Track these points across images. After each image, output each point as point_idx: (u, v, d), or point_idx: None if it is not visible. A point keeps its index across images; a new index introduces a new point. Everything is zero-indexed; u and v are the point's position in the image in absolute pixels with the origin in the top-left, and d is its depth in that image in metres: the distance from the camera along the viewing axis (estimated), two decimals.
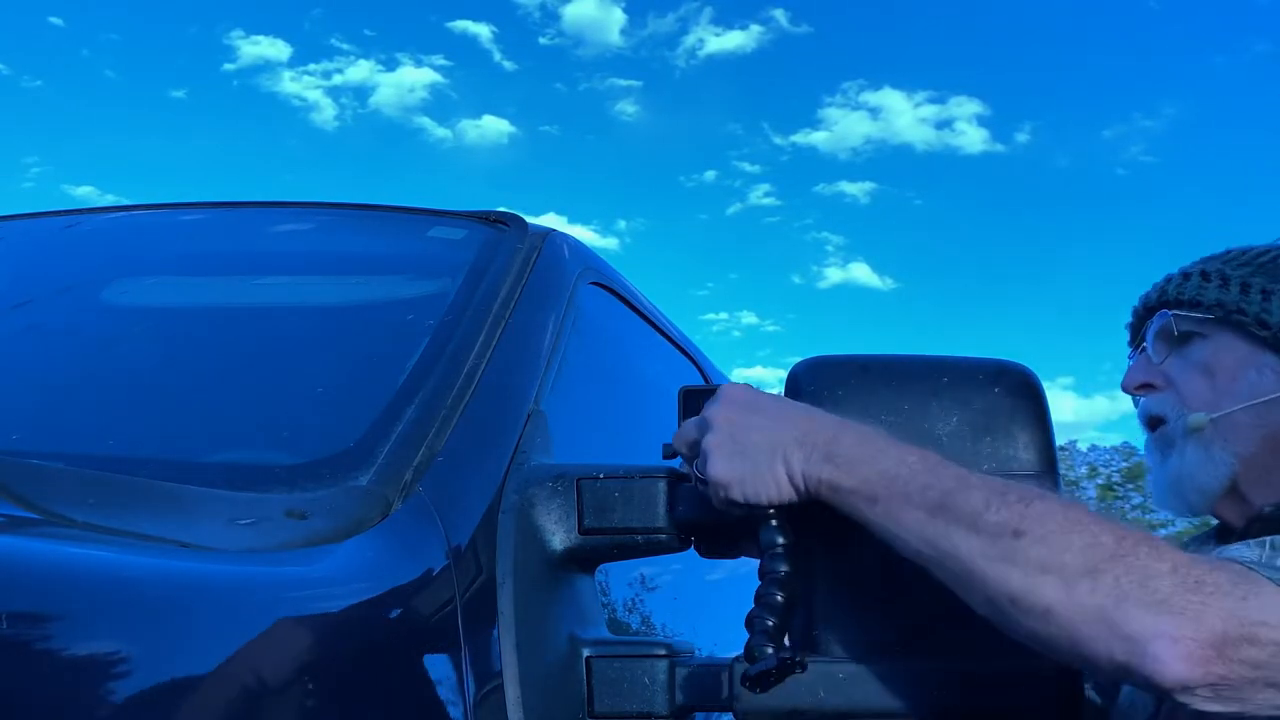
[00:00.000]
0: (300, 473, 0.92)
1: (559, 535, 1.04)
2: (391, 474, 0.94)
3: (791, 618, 0.91)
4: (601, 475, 1.04)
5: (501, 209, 1.59)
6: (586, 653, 1.03)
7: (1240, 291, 1.24)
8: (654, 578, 1.51)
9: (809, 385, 1.00)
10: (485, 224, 1.55)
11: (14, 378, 1.21)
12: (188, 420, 1.11)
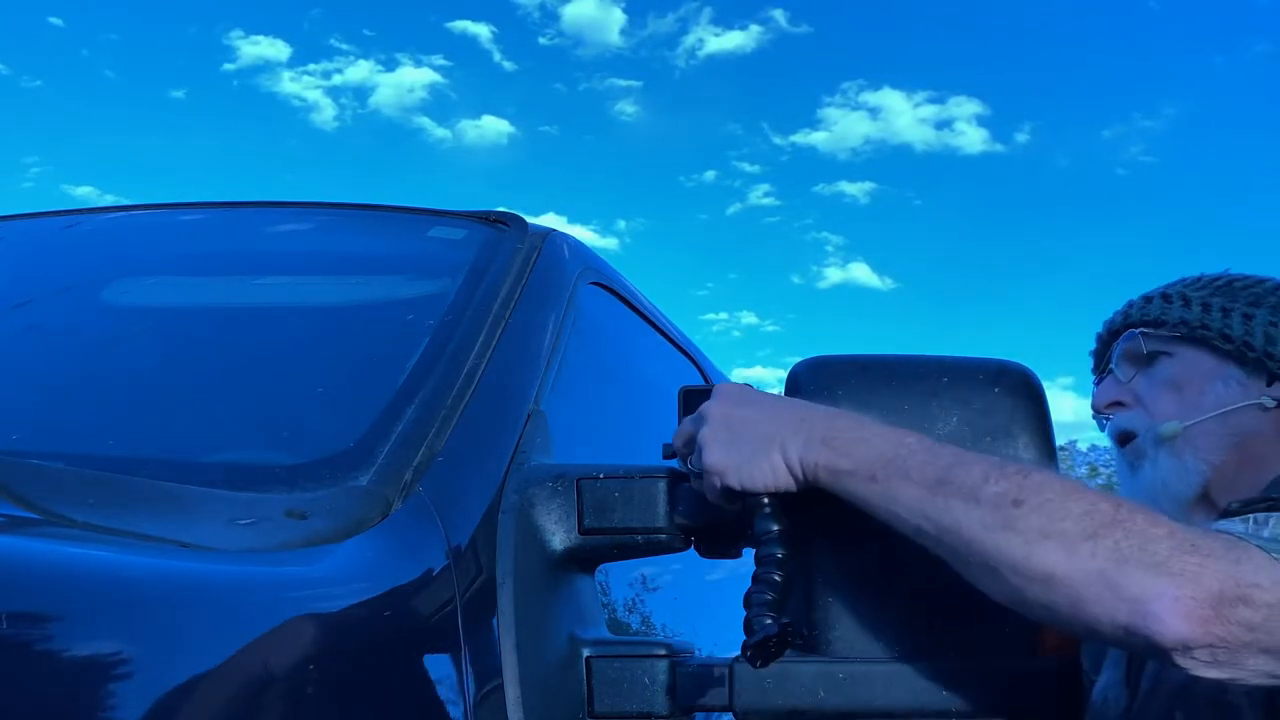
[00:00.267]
0: (300, 473, 0.92)
1: (559, 535, 1.04)
2: (391, 474, 0.94)
3: (789, 595, 0.90)
4: (601, 475, 1.04)
5: (501, 209, 1.59)
6: (586, 653, 1.03)
7: (1202, 310, 1.33)
8: (654, 578, 1.51)
9: (809, 385, 1.00)
10: (485, 224, 1.55)
11: (14, 378, 1.21)
12: (188, 420, 1.11)
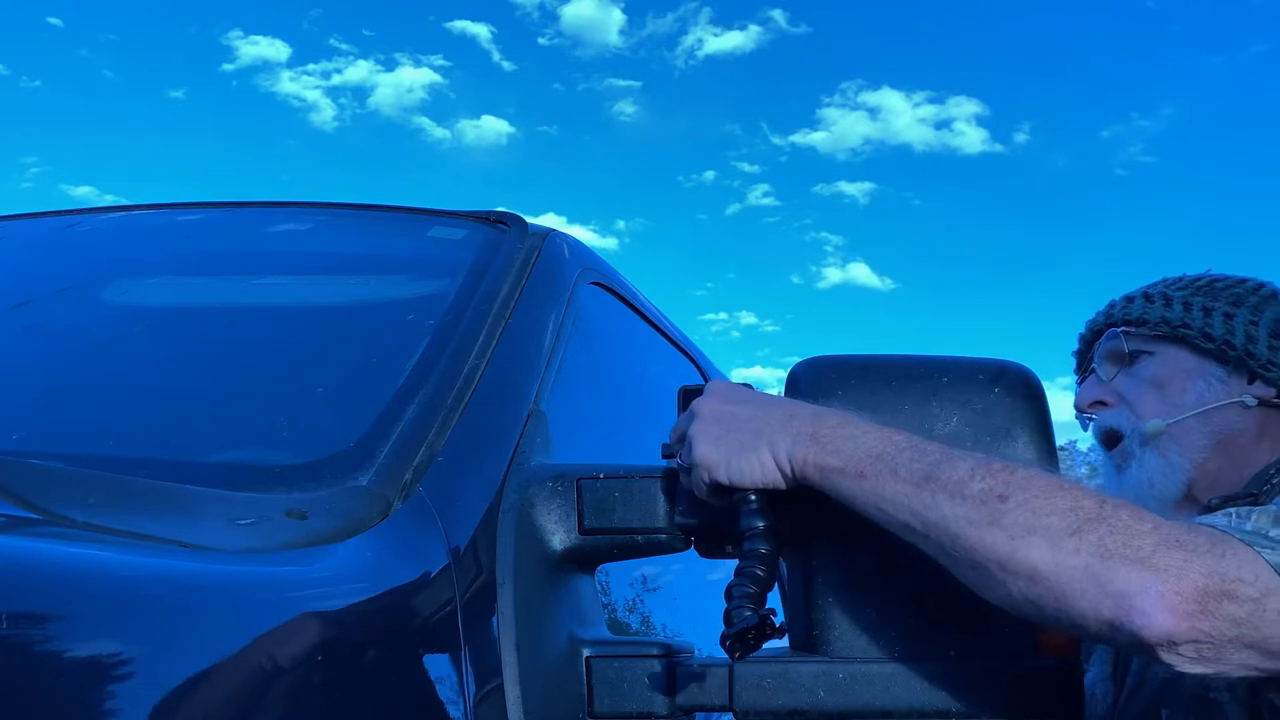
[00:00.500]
0: (300, 473, 0.92)
1: (559, 535, 1.04)
2: (391, 474, 0.94)
3: (770, 588, 0.90)
4: (601, 475, 1.04)
5: (501, 209, 1.59)
6: (586, 653, 1.03)
7: (1183, 309, 1.34)
8: (654, 578, 1.51)
9: (809, 385, 1.00)
10: (485, 224, 1.55)
11: (14, 378, 1.21)
12: (188, 420, 1.11)
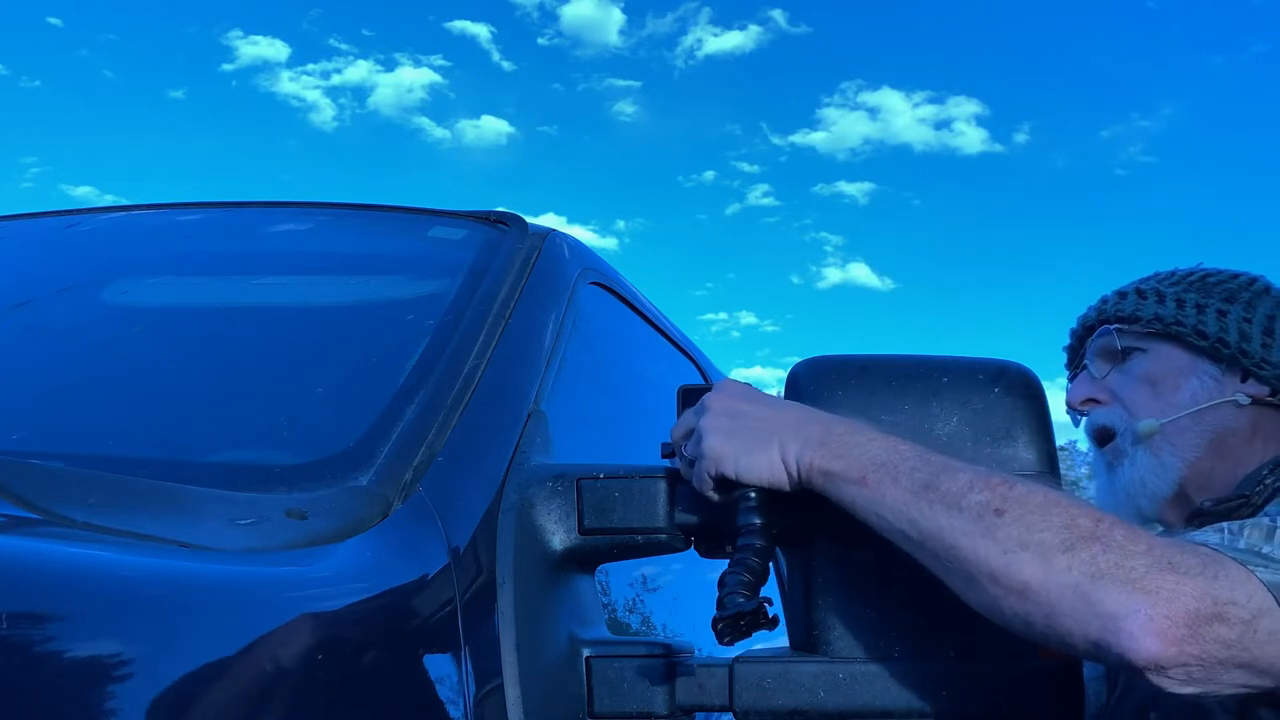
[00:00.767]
0: (300, 473, 0.92)
1: (559, 535, 1.04)
2: (391, 474, 0.94)
3: (764, 581, 0.90)
4: (601, 475, 1.04)
5: (501, 209, 1.59)
6: (586, 653, 1.03)
7: (1176, 306, 1.32)
8: (654, 578, 1.51)
9: (809, 385, 1.00)
10: (485, 224, 1.55)
11: (14, 378, 1.21)
12: (188, 420, 1.11)
